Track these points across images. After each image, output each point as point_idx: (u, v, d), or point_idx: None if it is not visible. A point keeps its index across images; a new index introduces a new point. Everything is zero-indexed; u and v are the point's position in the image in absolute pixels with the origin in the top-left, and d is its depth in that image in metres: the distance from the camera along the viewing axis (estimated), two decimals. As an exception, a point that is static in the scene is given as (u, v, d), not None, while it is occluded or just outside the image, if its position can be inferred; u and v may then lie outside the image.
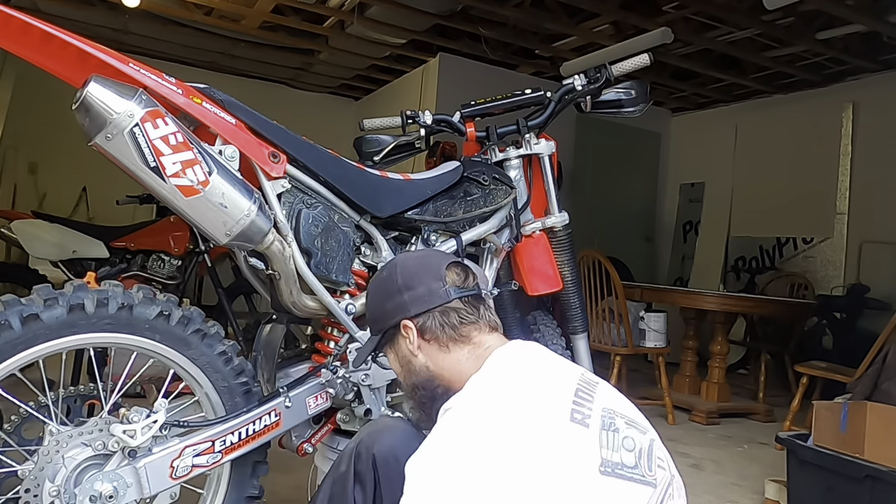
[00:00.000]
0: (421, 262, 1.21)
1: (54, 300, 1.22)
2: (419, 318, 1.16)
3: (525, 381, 1.03)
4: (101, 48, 1.19)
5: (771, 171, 5.97)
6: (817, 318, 4.97)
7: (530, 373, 1.05)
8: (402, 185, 1.62)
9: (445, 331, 1.15)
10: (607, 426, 0.97)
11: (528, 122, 1.87)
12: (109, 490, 1.25)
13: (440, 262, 1.20)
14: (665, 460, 1.01)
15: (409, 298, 1.17)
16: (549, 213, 1.93)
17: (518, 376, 1.05)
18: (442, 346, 1.15)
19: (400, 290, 1.17)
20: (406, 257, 1.26)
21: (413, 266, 1.20)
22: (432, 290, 1.16)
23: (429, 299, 1.16)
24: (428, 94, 5.67)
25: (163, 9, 4.88)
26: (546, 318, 2.07)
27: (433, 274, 1.18)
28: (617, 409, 1.01)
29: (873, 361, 2.43)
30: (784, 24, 4.60)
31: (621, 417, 0.99)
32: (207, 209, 1.25)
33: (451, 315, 1.15)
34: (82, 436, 1.27)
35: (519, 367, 1.07)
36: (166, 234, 3.41)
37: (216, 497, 1.48)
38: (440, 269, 1.18)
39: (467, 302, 1.17)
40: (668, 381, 3.76)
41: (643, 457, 0.97)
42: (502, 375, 1.06)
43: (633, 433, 0.98)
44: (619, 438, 0.96)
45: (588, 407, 0.98)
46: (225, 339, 1.42)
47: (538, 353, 1.12)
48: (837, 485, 2.06)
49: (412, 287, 1.17)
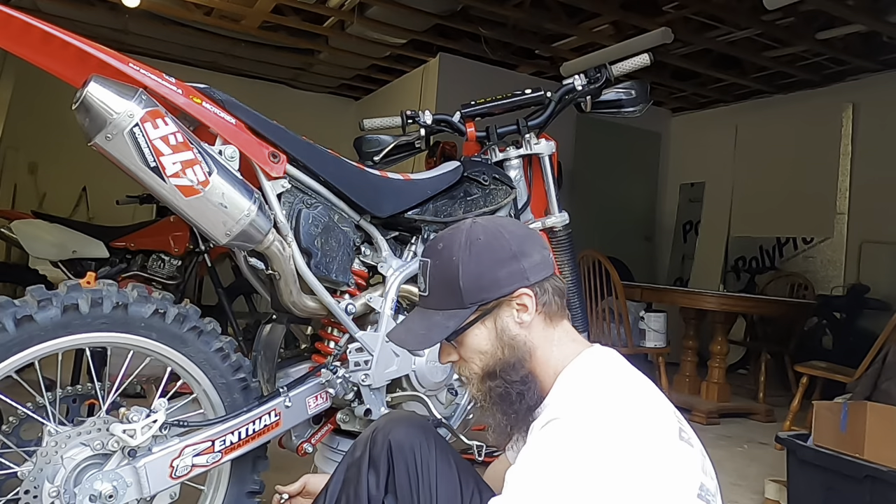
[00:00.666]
0: (523, 230, 1.12)
1: (48, 301, 1.21)
2: (538, 286, 1.07)
3: (630, 393, 0.99)
4: (101, 48, 1.19)
5: (771, 171, 5.97)
6: (817, 318, 4.97)
7: (632, 384, 1.01)
8: (402, 185, 1.62)
9: (556, 301, 1.08)
10: (703, 455, 0.98)
11: (528, 122, 1.87)
12: (109, 490, 1.25)
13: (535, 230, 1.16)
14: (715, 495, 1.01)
15: (527, 265, 1.06)
16: (549, 213, 1.93)
17: (621, 387, 1.00)
18: (549, 321, 1.08)
19: (516, 256, 1.06)
20: (504, 222, 1.14)
21: (520, 232, 1.11)
22: (545, 257, 1.09)
23: (544, 267, 1.08)
24: (428, 94, 5.67)
25: (163, 9, 4.88)
26: (546, 318, 2.06)
27: (539, 242, 1.11)
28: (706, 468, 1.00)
29: (873, 361, 2.44)
30: (784, 24, 4.60)
31: (702, 453, 1.00)
32: (207, 209, 1.25)
33: (560, 283, 1.10)
34: (80, 436, 1.27)
35: (618, 376, 1.02)
36: (166, 234, 3.41)
37: (217, 493, 1.48)
38: (541, 237, 1.13)
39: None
40: (668, 381, 3.76)
41: (715, 483, 0.98)
42: (603, 383, 1.00)
43: (708, 467, 0.99)
44: (708, 463, 0.97)
45: (687, 426, 0.98)
46: (222, 336, 1.42)
47: (625, 362, 1.07)
48: (837, 485, 2.06)
49: (527, 254, 1.07)
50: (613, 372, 1.02)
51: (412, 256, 1.64)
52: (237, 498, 1.48)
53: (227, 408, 1.41)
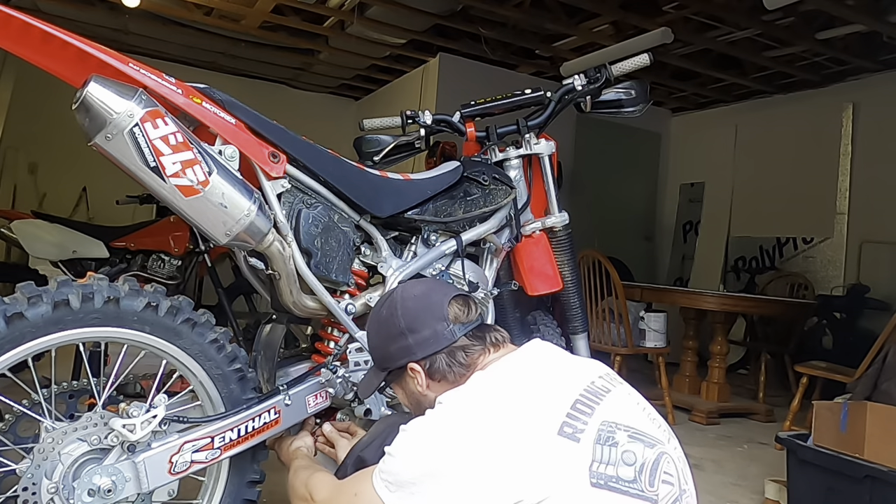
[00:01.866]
0: (423, 302, 1.18)
1: (38, 297, 1.21)
2: (426, 360, 1.15)
3: (522, 389, 1.03)
4: (101, 48, 1.19)
5: (771, 171, 5.97)
6: (817, 318, 4.96)
7: (530, 381, 1.05)
8: (402, 185, 1.62)
9: (453, 369, 1.15)
10: (604, 440, 0.96)
11: (528, 122, 1.87)
12: (108, 484, 1.25)
13: (442, 300, 1.18)
14: (675, 475, 1.00)
15: (414, 342, 1.15)
16: (549, 213, 1.93)
17: (516, 383, 1.05)
18: (451, 383, 1.14)
19: (403, 332, 1.16)
20: (406, 295, 1.22)
21: (415, 307, 1.18)
22: (437, 332, 1.15)
23: (434, 342, 1.15)
24: (428, 94, 5.67)
25: (163, 9, 4.88)
26: (546, 318, 2.07)
27: (436, 315, 1.16)
28: (621, 420, 1.00)
29: (873, 361, 2.43)
30: (784, 24, 4.60)
31: (624, 430, 0.99)
32: (207, 209, 1.25)
33: (458, 354, 1.15)
34: (77, 431, 1.27)
35: (521, 373, 1.07)
36: (166, 234, 3.41)
37: (217, 484, 1.48)
38: (443, 308, 1.17)
39: (472, 336, 1.17)
40: (668, 381, 3.76)
41: (645, 471, 0.96)
42: (501, 380, 1.06)
43: (636, 447, 0.98)
44: (617, 452, 0.96)
45: (584, 420, 0.98)
46: (216, 327, 1.41)
47: (548, 360, 1.12)
48: (837, 485, 2.06)
49: (416, 330, 1.15)
50: (514, 372, 1.08)
51: (412, 256, 1.64)
52: (238, 487, 1.48)
53: (224, 399, 1.41)
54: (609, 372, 1.12)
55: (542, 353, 1.14)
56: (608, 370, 1.13)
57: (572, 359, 1.16)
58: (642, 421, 1.03)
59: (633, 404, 1.07)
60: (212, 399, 1.41)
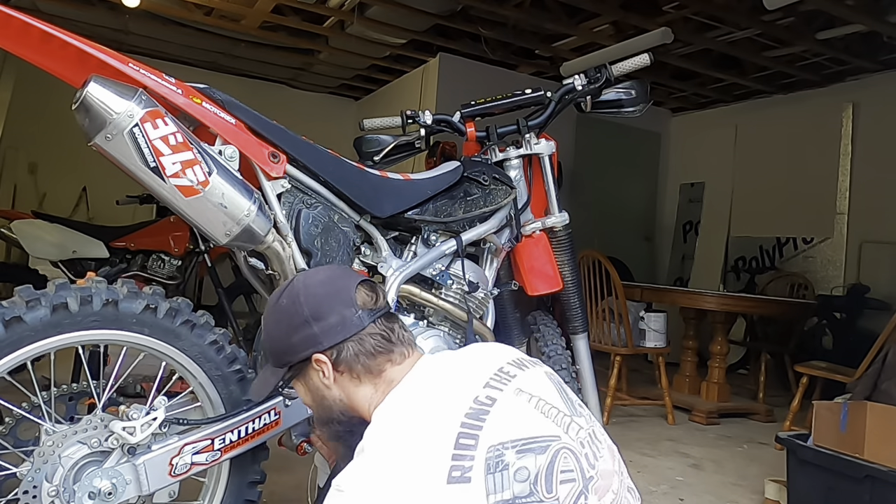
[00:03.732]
0: (328, 288, 1.11)
1: (37, 301, 1.21)
2: (332, 349, 1.08)
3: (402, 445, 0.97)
4: (100, 48, 1.19)
5: (771, 171, 5.97)
6: (817, 318, 4.96)
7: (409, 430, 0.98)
8: (402, 185, 1.62)
9: (360, 360, 1.08)
10: (493, 468, 0.92)
11: (529, 122, 1.87)
12: (108, 487, 1.25)
13: (348, 283, 1.11)
14: (575, 468, 0.96)
15: (319, 330, 1.07)
16: (549, 213, 1.93)
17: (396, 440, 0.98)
18: (354, 377, 1.09)
19: (308, 321, 1.08)
20: (309, 282, 1.13)
21: (320, 292, 1.10)
22: (345, 318, 1.08)
23: (342, 329, 1.07)
24: (428, 94, 5.67)
25: (163, 9, 4.88)
26: (546, 318, 2.07)
27: (343, 300, 1.09)
28: (508, 437, 0.95)
29: (873, 361, 2.44)
30: (784, 24, 4.60)
31: (512, 447, 0.94)
32: (207, 209, 1.25)
33: (366, 342, 1.08)
34: (77, 434, 1.27)
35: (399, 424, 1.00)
36: (166, 234, 3.41)
37: (218, 485, 1.48)
38: (350, 292, 1.09)
39: (381, 324, 1.10)
40: (668, 381, 3.76)
41: (540, 481, 0.92)
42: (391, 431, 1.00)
43: (527, 460, 0.93)
44: (509, 475, 0.92)
45: (470, 456, 0.93)
46: (215, 328, 1.41)
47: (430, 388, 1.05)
48: (837, 485, 2.06)
49: (322, 317, 1.08)
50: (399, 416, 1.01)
51: (412, 256, 1.64)
52: (239, 488, 1.48)
53: (224, 400, 1.41)
54: (502, 367, 1.06)
55: (425, 380, 1.07)
56: (503, 362, 1.07)
57: (460, 369, 1.07)
58: (531, 424, 0.98)
59: (524, 403, 1.00)
60: (211, 400, 1.41)
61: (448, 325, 1.66)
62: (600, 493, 0.98)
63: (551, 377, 1.10)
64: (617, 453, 1.09)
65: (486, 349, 1.15)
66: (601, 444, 1.04)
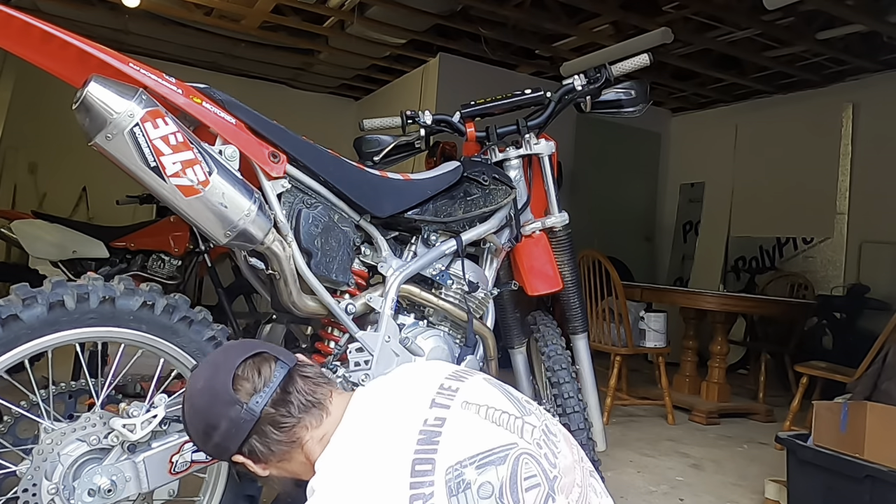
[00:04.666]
0: (208, 394, 1.08)
1: (33, 299, 1.21)
2: (243, 448, 1.08)
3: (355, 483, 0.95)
4: (101, 48, 1.19)
5: (771, 171, 5.97)
6: (817, 318, 4.96)
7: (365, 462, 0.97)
8: (402, 185, 1.62)
9: (272, 448, 1.07)
10: (455, 489, 0.91)
11: (528, 123, 1.87)
12: (108, 484, 1.25)
13: (225, 379, 1.07)
14: (537, 471, 0.95)
15: (220, 439, 1.07)
16: (549, 213, 1.93)
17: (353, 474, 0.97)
18: (279, 461, 1.09)
19: (207, 433, 1.08)
20: (193, 392, 1.11)
21: (202, 403, 1.09)
22: (233, 419, 1.06)
23: (237, 431, 1.06)
24: (428, 94, 5.67)
25: (163, 9, 4.88)
26: (546, 318, 2.06)
27: (223, 400, 1.06)
28: (465, 454, 0.93)
29: (873, 361, 2.44)
30: (784, 24, 4.60)
31: (471, 464, 0.92)
32: (207, 209, 1.25)
33: (268, 431, 1.06)
34: (75, 432, 1.27)
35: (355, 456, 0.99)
36: (166, 234, 3.41)
37: (218, 483, 1.48)
38: (227, 389, 1.06)
39: (277, 402, 1.07)
40: (668, 381, 3.76)
41: (505, 493, 0.91)
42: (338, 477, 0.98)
43: (489, 475, 0.92)
44: (473, 493, 0.90)
45: (429, 482, 0.91)
46: (213, 325, 1.41)
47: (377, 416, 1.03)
48: (837, 485, 2.06)
49: (215, 426, 1.07)
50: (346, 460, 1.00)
51: (412, 256, 1.64)
52: (238, 487, 1.48)
53: None
54: (442, 383, 1.04)
55: (367, 412, 1.05)
56: (438, 381, 1.05)
57: (400, 395, 1.06)
58: (488, 429, 0.97)
59: (473, 415, 0.99)
60: None
61: (448, 325, 1.66)
62: (566, 490, 0.97)
63: (492, 381, 1.08)
64: (572, 440, 1.07)
65: (419, 369, 1.14)
66: (556, 437, 1.03)
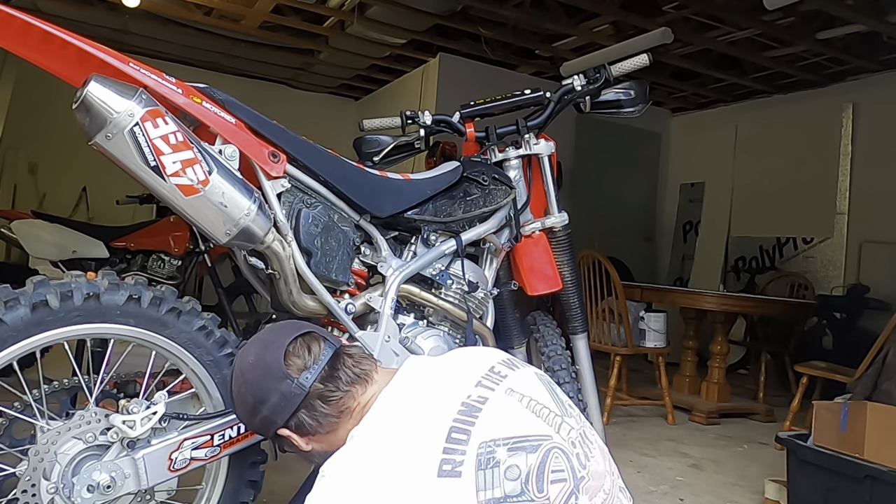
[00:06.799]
0: (259, 369, 1.12)
1: (15, 300, 1.19)
2: (290, 421, 1.11)
3: (397, 436, 0.98)
4: (101, 48, 1.19)
5: (771, 171, 5.97)
6: (817, 318, 4.97)
7: (403, 422, 1.00)
8: (402, 185, 1.62)
9: (320, 421, 1.11)
10: (485, 464, 0.93)
11: (528, 123, 1.87)
12: (107, 480, 1.25)
13: (277, 356, 1.11)
14: (566, 468, 0.96)
15: (268, 412, 1.11)
16: (549, 213, 1.93)
17: (390, 431, 1.00)
18: (326, 433, 1.12)
19: (256, 407, 1.12)
20: (244, 367, 1.14)
21: (254, 376, 1.12)
22: (284, 393, 1.10)
23: (286, 404, 1.10)
24: (428, 94, 5.67)
25: (163, 9, 4.88)
26: (546, 318, 2.07)
27: (275, 375, 1.10)
28: (500, 434, 0.96)
29: (873, 361, 2.44)
30: (784, 24, 4.60)
31: (503, 445, 0.95)
32: (207, 209, 1.25)
33: (316, 405, 1.10)
34: (71, 430, 1.26)
35: (393, 416, 1.02)
36: (166, 234, 3.41)
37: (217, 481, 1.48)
38: (279, 365, 1.11)
39: (326, 378, 1.11)
40: (668, 381, 3.76)
41: (531, 480, 0.93)
42: (375, 432, 1.01)
43: (519, 458, 0.94)
44: (500, 472, 0.92)
45: (461, 451, 0.94)
46: (203, 314, 1.40)
47: (421, 386, 1.06)
48: (837, 485, 2.06)
49: (265, 399, 1.11)
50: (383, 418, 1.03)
51: (412, 256, 1.64)
52: (236, 490, 1.48)
53: (218, 385, 1.40)
54: (493, 366, 1.07)
55: (414, 378, 1.08)
56: (493, 362, 1.08)
57: (450, 369, 1.09)
58: (522, 423, 0.98)
59: (515, 402, 1.01)
60: (206, 386, 1.40)
61: (448, 325, 1.66)
62: (591, 493, 0.98)
63: (541, 377, 1.10)
64: (608, 454, 1.09)
65: (475, 352, 1.16)
66: (592, 444, 1.04)
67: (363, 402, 1.11)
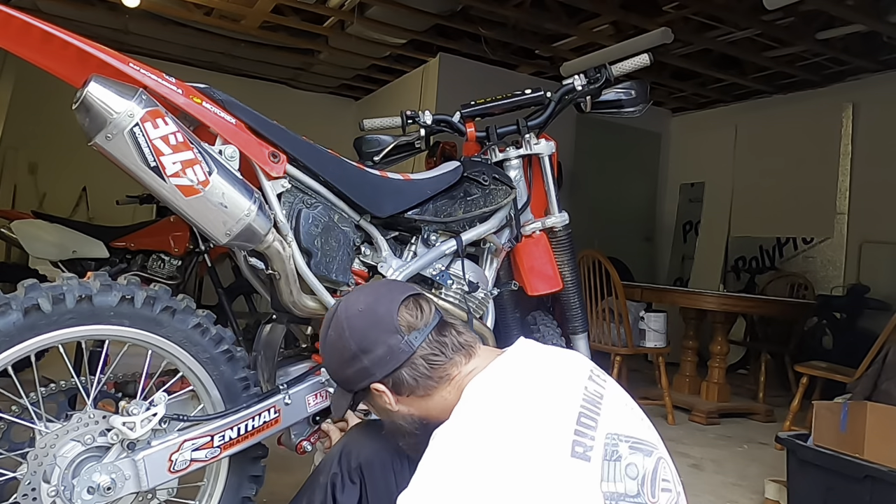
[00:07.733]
0: (370, 317, 1.09)
1: (6, 305, 1.18)
2: (388, 378, 1.08)
3: (522, 407, 0.95)
4: (101, 48, 1.19)
5: (771, 171, 5.97)
6: (817, 318, 4.97)
7: (528, 396, 0.97)
8: (402, 185, 1.62)
9: (419, 382, 1.08)
10: (609, 455, 0.92)
11: (528, 123, 1.87)
12: (107, 482, 1.25)
13: (390, 308, 1.08)
14: (671, 480, 0.97)
15: (369, 363, 1.08)
16: (549, 213, 1.93)
17: (513, 402, 0.97)
18: (420, 396, 1.09)
19: (357, 355, 1.08)
20: (350, 313, 1.11)
21: (362, 324, 1.09)
22: (391, 347, 1.07)
23: (392, 359, 1.07)
24: (428, 94, 5.67)
25: (163, 9, 4.88)
26: (546, 318, 2.07)
27: (386, 327, 1.07)
28: (622, 430, 0.96)
29: (873, 361, 2.44)
30: (784, 24, 4.60)
31: (625, 441, 0.95)
32: (207, 209, 1.25)
33: (419, 365, 1.07)
34: (69, 433, 1.26)
35: (515, 388, 0.99)
36: (166, 234, 3.41)
37: (217, 481, 1.48)
38: (392, 318, 1.07)
39: (432, 340, 1.09)
40: (668, 381, 3.76)
41: (646, 482, 0.93)
42: (495, 401, 0.98)
43: (637, 458, 0.94)
44: (621, 467, 0.92)
45: (591, 436, 0.92)
46: (198, 311, 1.39)
47: (540, 365, 1.04)
48: (837, 485, 2.06)
49: (369, 350, 1.07)
50: (503, 388, 0.99)
51: (412, 256, 1.64)
52: (237, 487, 1.48)
53: (215, 381, 1.40)
54: (594, 368, 1.06)
55: (532, 357, 1.05)
56: (592, 366, 1.07)
57: (558, 359, 1.07)
58: (636, 426, 0.99)
59: (625, 407, 1.01)
60: (204, 384, 1.40)
61: (448, 324, 1.66)
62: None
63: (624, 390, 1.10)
64: None
65: (569, 352, 1.14)
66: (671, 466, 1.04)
67: (464, 372, 1.08)
